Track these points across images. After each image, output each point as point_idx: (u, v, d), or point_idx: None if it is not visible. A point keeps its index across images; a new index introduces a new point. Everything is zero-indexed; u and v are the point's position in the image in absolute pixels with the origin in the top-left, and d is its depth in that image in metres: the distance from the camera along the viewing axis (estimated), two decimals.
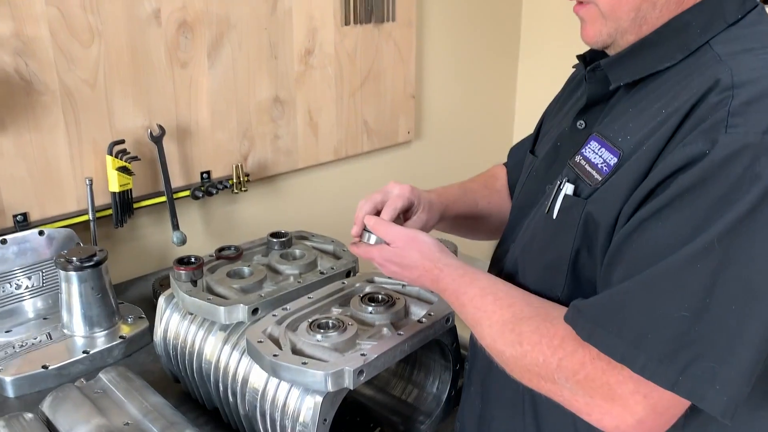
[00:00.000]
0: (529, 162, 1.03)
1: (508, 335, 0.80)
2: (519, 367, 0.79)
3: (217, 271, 1.14)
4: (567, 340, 0.75)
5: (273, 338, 0.95)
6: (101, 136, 1.54)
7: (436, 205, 1.11)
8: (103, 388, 1.08)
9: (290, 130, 1.92)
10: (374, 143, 2.18)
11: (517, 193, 1.04)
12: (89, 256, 1.30)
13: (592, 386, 0.72)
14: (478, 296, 0.85)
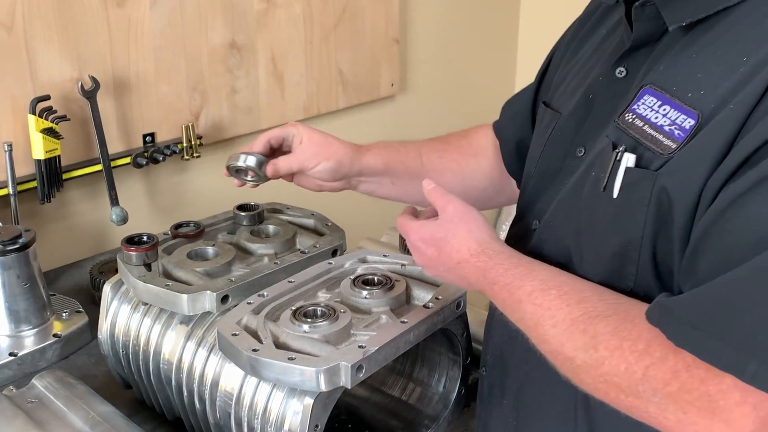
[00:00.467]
0: (548, 119, 1.02)
1: (579, 337, 0.77)
2: (593, 377, 0.75)
3: (175, 252, 1.13)
4: (653, 345, 0.72)
5: (250, 330, 0.95)
6: (21, 91, 1.51)
7: (336, 143, 1.13)
8: (38, 396, 1.07)
9: (250, 82, 1.90)
10: (351, 98, 2.17)
11: (534, 157, 1.03)
12: (13, 238, 1.28)
13: (687, 399, 0.69)
14: (539, 290, 0.82)
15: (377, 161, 1.18)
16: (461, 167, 1.24)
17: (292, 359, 0.88)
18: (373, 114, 2.28)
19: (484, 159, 1.25)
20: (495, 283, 0.87)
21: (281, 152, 1.18)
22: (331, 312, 0.96)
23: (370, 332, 0.94)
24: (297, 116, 2.04)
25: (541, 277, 0.84)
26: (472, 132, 1.28)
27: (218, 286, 1.03)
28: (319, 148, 1.13)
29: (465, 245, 0.90)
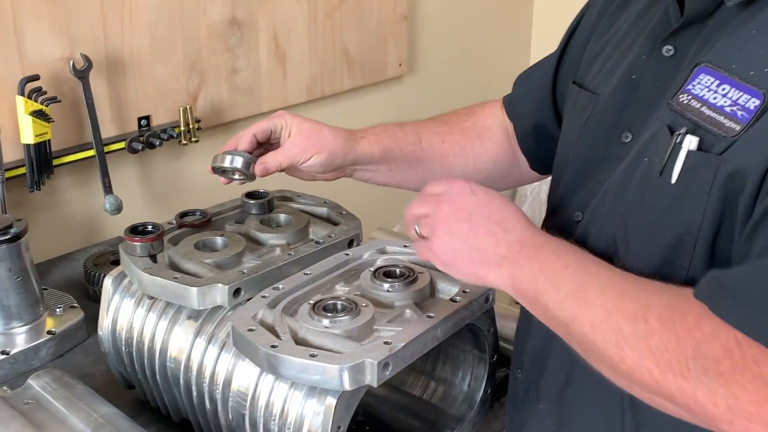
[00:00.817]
0: (584, 101, 1.01)
1: (630, 305, 0.76)
2: (641, 351, 0.74)
3: (182, 243, 1.12)
4: (704, 319, 0.71)
5: (266, 325, 0.94)
6: (8, 70, 1.50)
7: (329, 133, 1.12)
8: (35, 397, 1.06)
9: (251, 61, 1.89)
10: (357, 79, 2.16)
11: (569, 142, 1.02)
12: (4, 228, 1.27)
13: (740, 381, 0.69)
14: (589, 259, 0.82)
15: (373, 149, 1.17)
16: (465, 151, 1.23)
17: (314, 356, 0.87)
18: (379, 96, 2.27)
19: (489, 141, 1.24)
20: (541, 246, 0.85)
21: (269, 144, 1.16)
22: (353, 306, 0.96)
23: (394, 327, 0.94)
24: (300, 98, 2.03)
25: (589, 270, 0.83)
26: (477, 110, 1.27)
27: (230, 279, 1.02)
28: (310, 141, 1.12)
29: (506, 217, 0.89)
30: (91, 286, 1.47)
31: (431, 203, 0.92)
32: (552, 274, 0.83)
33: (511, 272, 0.85)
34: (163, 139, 1.71)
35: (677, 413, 0.75)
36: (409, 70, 2.33)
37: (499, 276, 0.86)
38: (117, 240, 1.68)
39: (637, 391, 0.78)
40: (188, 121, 1.76)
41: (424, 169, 1.20)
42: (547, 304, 0.82)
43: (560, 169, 1.04)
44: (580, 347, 0.81)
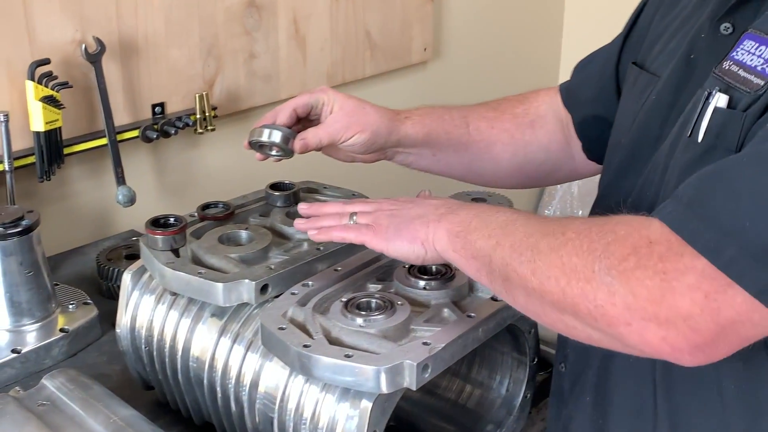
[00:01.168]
0: (643, 83, 1.02)
1: (551, 226, 0.83)
2: (549, 261, 0.79)
3: (205, 236, 1.13)
4: (621, 224, 0.77)
5: (297, 323, 0.95)
6: (18, 54, 1.51)
7: (372, 112, 1.13)
8: (49, 398, 1.07)
9: (270, 46, 1.90)
10: (380, 64, 2.17)
11: (624, 126, 1.03)
12: (15, 220, 1.28)
13: (640, 277, 0.72)
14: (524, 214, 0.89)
15: (417, 130, 1.18)
16: (514, 138, 1.23)
17: (349, 356, 0.88)
18: (403, 82, 2.27)
19: (541, 129, 1.24)
20: (481, 205, 0.94)
21: (308, 121, 1.17)
22: (388, 304, 0.97)
23: (433, 327, 0.95)
24: (320, 85, 1.99)
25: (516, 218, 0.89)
26: (530, 97, 1.27)
27: (257, 275, 1.03)
28: (353, 118, 1.13)
29: (427, 203, 0.98)
30: (105, 281, 1.48)
31: (369, 204, 1.02)
32: (485, 217, 0.90)
33: (447, 222, 0.92)
34: (179, 127, 1.72)
35: (585, 334, 0.79)
36: (435, 55, 2.33)
37: (435, 229, 0.93)
38: (130, 233, 1.70)
39: (548, 313, 0.81)
40: (204, 108, 1.76)
41: (470, 156, 1.21)
42: (476, 240, 0.87)
43: (612, 153, 1.05)
44: (501, 277, 0.85)
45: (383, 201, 1.02)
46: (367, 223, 0.99)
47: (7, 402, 1.05)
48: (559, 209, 2.76)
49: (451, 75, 2.42)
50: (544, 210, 2.80)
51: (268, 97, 1.93)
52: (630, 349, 0.77)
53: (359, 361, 0.88)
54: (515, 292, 0.84)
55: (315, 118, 1.16)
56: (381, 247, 0.96)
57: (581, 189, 2.74)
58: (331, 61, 2.04)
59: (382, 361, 0.88)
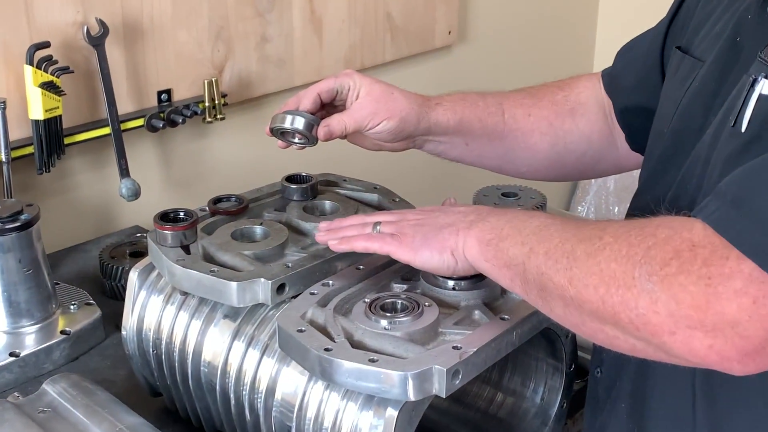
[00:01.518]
0: (687, 68, 1.01)
1: (587, 230, 0.83)
2: (586, 268, 0.79)
3: (217, 232, 1.13)
4: (662, 227, 0.76)
5: (317, 326, 0.95)
6: (15, 37, 1.51)
7: (401, 97, 1.14)
8: (51, 404, 1.07)
9: (283, 28, 1.90)
10: (401, 48, 2.16)
11: (666, 114, 1.02)
12: (13, 215, 1.28)
13: (683, 283, 0.72)
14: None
15: (449, 117, 1.18)
16: (553, 127, 1.23)
17: (374, 361, 0.88)
18: (426, 68, 2.27)
19: (583, 118, 1.24)
20: (512, 210, 0.96)
21: (333, 107, 1.17)
22: (415, 305, 0.96)
23: (463, 330, 0.95)
24: (337, 70, 1.99)
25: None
26: (570, 83, 1.27)
27: (273, 273, 1.03)
28: (380, 104, 1.13)
29: (458, 209, 1.00)
30: (108, 280, 1.49)
31: (392, 215, 1.04)
32: (517, 223, 0.91)
33: (477, 230, 0.93)
34: (186, 115, 1.72)
35: (627, 344, 0.79)
36: (460, 38, 2.33)
37: (465, 238, 0.94)
38: (134, 230, 1.71)
39: (588, 324, 0.82)
40: (213, 95, 1.77)
41: (506, 146, 1.21)
42: (509, 248, 0.88)
43: (653, 144, 1.04)
44: (536, 286, 0.86)
45: (407, 211, 1.04)
46: (392, 232, 1.00)
47: (6, 408, 1.06)
48: (593, 205, 2.75)
49: (477, 60, 2.42)
50: (577, 206, 2.79)
51: (282, 83, 1.93)
52: (676, 359, 0.77)
53: (384, 366, 0.87)
54: (552, 302, 0.85)
55: (340, 104, 1.17)
56: (408, 258, 0.98)
57: (617, 183, 2.73)
58: (349, 44, 2.04)
59: (409, 366, 0.87)
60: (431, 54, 2.27)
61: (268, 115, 1.92)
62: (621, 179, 2.74)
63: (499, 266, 0.90)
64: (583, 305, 0.80)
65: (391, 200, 1.23)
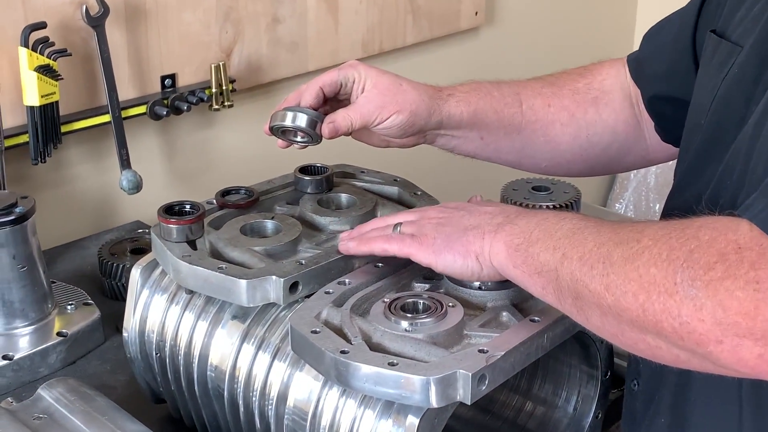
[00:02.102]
0: (724, 54, 1.01)
1: (625, 233, 0.83)
2: (624, 273, 0.79)
3: (225, 226, 1.14)
4: (704, 229, 0.77)
5: (333, 327, 0.96)
6: (9, 16, 1.52)
7: (410, 89, 1.14)
8: (47, 411, 1.08)
9: (296, 9, 1.90)
10: (423, 31, 2.16)
11: (702, 104, 1.02)
12: (6, 207, 1.30)
13: (730, 288, 0.72)
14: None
15: (462, 109, 1.19)
16: (575, 118, 1.24)
17: (393, 365, 0.88)
18: (450, 52, 2.27)
19: (607, 107, 1.24)
20: (541, 212, 0.97)
21: (337, 102, 1.18)
22: (437, 306, 0.97)
23: (490, 333, 0.95)
24: (354, 54, 2.03)
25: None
26: (593, 70, 1.27)
27: (286, 271, 1.04)
28: (387, 97, 1.14)
29: (486, 210, 1.01)
30: (107, 279, 1.50)
31: (413, 213, 1.06)
32: (548, 226, 0.91)
33: (505, 233, 0.94)
34: (192, 102, 1.72)
35: (671, 355, 0.80)
36: (488, 20, 2.32)
37: (491, 242, 0.95)
38: (135, 225, 1.72)
39: (627, 333, 0.82)
40: (221, 81, 1.77)
41: (524, 139, 1.21)
42: (539, 253, 0.89)
43: (690, 136, 1.04)
44: (570, 295, 0.86)
45: (429, 209, 1.05)
46: (413, 233, 1.01)
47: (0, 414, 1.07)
48: (632, 202, 2.75)
49: (506, 43, 2.41)
50: (614, 204, 2.78)
51: (294, 68, 1.93)
52: (723, 369, 0.77)
53: (405, 370, 0.88)
54: (588, 311, 0.85)
55: (345, 98, 1.18)
56: (429, 261, 0.99)
57: (658, 179, 2.73)
58: (367, 26, 2.04)
59: (432, 370, 0.88)
60: (456, 37, 2.26)
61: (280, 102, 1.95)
62: (662, 174, 2.73)
63: (530, 273, 0.91)
64: (621, 314, 0.80)
65: (413, 193, 1.24)
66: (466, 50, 2.31)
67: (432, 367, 0.88)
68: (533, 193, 1.49)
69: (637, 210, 2.77)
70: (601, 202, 2.85)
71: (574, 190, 1.52)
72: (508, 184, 1.51)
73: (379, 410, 0.93)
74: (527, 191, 1.49)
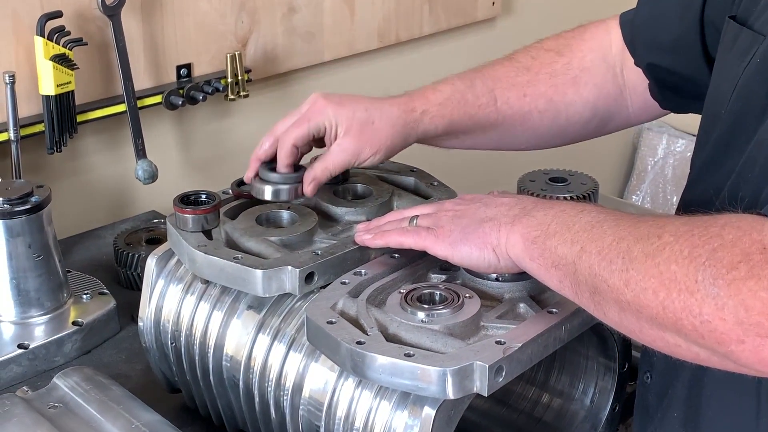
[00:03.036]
0: (746, 43, 1.00)
1: (646, 228, 0.83)
2: (644, 269, 0.78)
3: (241, 216, 1.14)
4: (728, 228, 0.76)
5: (349, 317, 0.96)
6: (25, 5, 1.53)
7: (383, 125, 1.14)
8: (62, 400, 1.09)
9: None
10: (440, 21, 2.16)
11: (722, 93, 1.01)
12: (23, 196, 1.30)
13: (754, 289, 0.71)
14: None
15: (437, 124, 1.19)
16: (553, 102, 1.23)
17: (410, 356, 0.88)
18: (467, 42, 2.26)
19: (587, 86, 1.23)
20: (558, 203, 0.96)
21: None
22: (454, 297, 0.97)
23: (506, 324, 0.95)
24: (369, 45, 2.04)
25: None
26: (572, 47, 1.25)
27: (302, 261, 1.04)
28: (362, 140, 1.13)
29: (503, 201, 1.00)
30: (123, 269, 1.50)
31: (430, 206, 1.06)
32: (566, 218, 0.90)
33: (522, 225, 0.94)
34: (207, 92, 1.73)
35: (691, 353, 0.79)
36: (505, 10, 2.32)
37: (508, 234, 0.95)
38: (150, 215, 1.72)
39: (647, 330, 0.82)
40: (236, 71, 1.77)
41: (501, 132, 1.22)
42: (557, 246, 0.88)
43: (708, 127, 1.03)
44: (588, 289, 0.86)
45: (446, 201, 1.05)
46: (429, 225, 1.01)
47: (15, 403, 1.07)
48: (649, 194, 2.74)
49: (523, 34, 2.37)
50: (631, 195, 2.77)
51: (310, 58, 1.94)
52: (744, 368, 0.76)
53: (422, 362, 0.88)
54: (606, 306, 0.85)
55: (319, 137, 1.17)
56: (445, 253, 0.99)
57: (676, 171, 2.72)
58: (383, 16, 2.04)
59: (449, 361, 0.88)
60: (473, 27, 2.26)
61: (295, 92, 1.96)
62: (680, 166, 2.72)
63: (546, 266, 0.90)
64: (641, 310, 0.80)
65: (429, 184, 1.24)
66: (482, 40, 2.30)
67: (449, 359, 0.88)
68: (550, 185, 1.49)
69: (654, 202, 2.76)
70: (618, 194, 2.84)
71: (591, 182, 1.51)
72: (524, 175, 1.50)
73: (395, 401, 0.93)
74: (544, 182, 1.49)
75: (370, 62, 2.08)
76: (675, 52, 1.15)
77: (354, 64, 2.05)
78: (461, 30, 2.24)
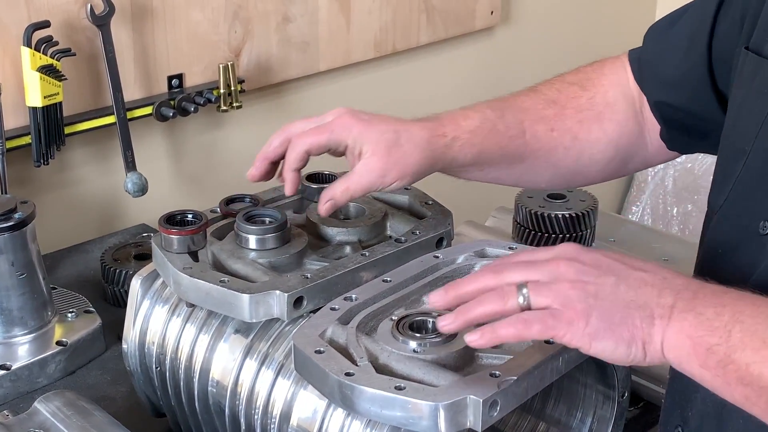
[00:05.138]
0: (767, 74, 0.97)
1: None
2: None
3: (229, 237, 1.12)
4: None
5: (338, 346, 0.93)
6: (12, 14, 1.52)
7: (412, 148, 1.07)
8: (43, 425, 1.07)
9: (307, 7, 1.90)
10: (438, 30, 2.15)
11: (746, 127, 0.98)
12: (5, 213, 1.28)
13: None
14: None
15: (466, 153, 1.12)
16: (579, 140, 1.19)
17: (400, 389, 0.86)
18: (465, 52, 2.26)
19: (611, 122, 1.19)
20: (720, 290, 0.83)
21: None
22: None
23: (502, 355, 0.92)
24: (366, 55, 2.04)
25: None
26: (594, 80, 1.21)
27: (290, 285, 1.01)
28: (389, 162, 1.07)
29: (650, 269, 0.86)
30: (110, 285, 1.49)
31: (537, 267, 0.86)
32: (750, 321, 0.79)
33: (687, 323, 0.81)
34: (199, 103, 1.72)
35: None
36: (503, 19, 2.31)
37: (666, 330, 0.82)
38: (140, 228, 1.71)
39: None
40: (229, 81, 1.76)
41: (525, 167, 1.18)
42: (748, 364, 0.78)
43: (730, 162, 1.00)
44: None
45: (557, 259, 0.86)
46: (550, 304, 0.84)
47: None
48: (649, 206, 2.72)
49: (522, 44, 2.40)
50: (631, 207, 2.76)
51: (305, 68, 1.93)
52: None
53: (412, 395, 0.86)
54: None
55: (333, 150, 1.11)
56: (581, 344, 0.83)
57: (677, 183, 2.70)
58: (380, 26, 2.04)
59: (441, 395, 0.85)
60: (471, 36, 2.26)
61: (290, 102, 1.94)
62: (680, 177, 2.70)
63: (729, 381, 0.80)
64: None
65: (424, 203, 1.22)
66: (481, 50, 2.30)
67: (441, 392, 0.86)
68: (549, 201, 1.47)
69: (655, 213, 2.74)
70: (618, 206, 2.82)
71: (590, 198, 1.49)
72: (522, 191, 1.48)
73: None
74: (542, 199, 1.47)
75: (366, 72, 2.08)
76: (682, 88, 1.12)
77: (350, 75, 2.05)
78: (459, 40, 2.23)
